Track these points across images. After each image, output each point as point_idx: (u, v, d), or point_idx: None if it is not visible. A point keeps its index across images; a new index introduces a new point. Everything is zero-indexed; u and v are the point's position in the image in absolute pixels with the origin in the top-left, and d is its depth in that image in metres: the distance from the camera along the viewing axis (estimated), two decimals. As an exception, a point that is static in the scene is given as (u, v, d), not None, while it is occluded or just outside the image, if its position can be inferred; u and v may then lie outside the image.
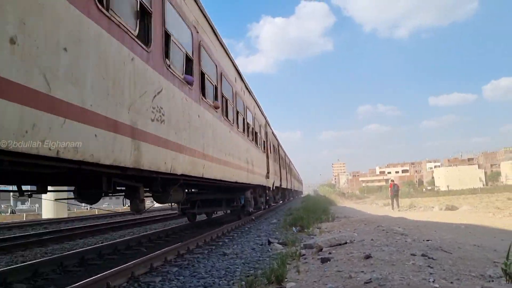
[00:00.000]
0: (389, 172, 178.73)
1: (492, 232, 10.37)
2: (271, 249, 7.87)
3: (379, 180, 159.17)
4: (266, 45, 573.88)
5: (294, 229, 10.93)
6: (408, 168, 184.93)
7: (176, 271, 5.90)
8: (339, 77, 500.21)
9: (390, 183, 28.10)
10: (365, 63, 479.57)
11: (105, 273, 4.94)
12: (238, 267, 6.13)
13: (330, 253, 6.23)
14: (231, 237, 10.12)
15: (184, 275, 5.63)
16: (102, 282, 4.69)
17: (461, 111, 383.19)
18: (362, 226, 10.66)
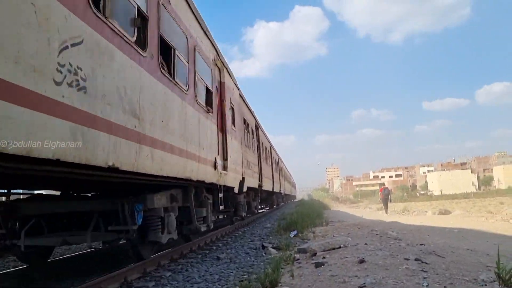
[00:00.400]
0: (383, 177, 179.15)
1: (485, 236, 10.42)
2: (265, 254, 7.86)
3: (373, 185, 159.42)
4: (261, 50, 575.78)
5: (291, 234, 10.89)
6: (402, 173, 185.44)
7: (170, 276, 5.86)
8: (333, 82, 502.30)
9: (381, 188, 29.74)
10: (359, 68, 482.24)
11: (98, 279, 4.91)
12: (232, 272, 6.11)
13: (324, 258, 6.23)
14: (225, 242, 10.09)
15: (178, 280, 5.60)
16: (95, 287, 4.65)
17: (454, 116, 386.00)
18: (356, 230, 10.67)
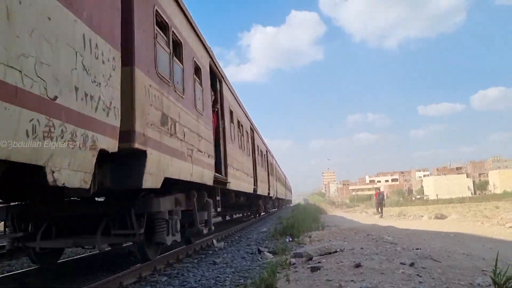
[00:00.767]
0: (379, 181, 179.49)
1: (481, 241, 10.45)
2: (261, 258, 7.84)
3: (369, 189, 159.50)
4: (257, 54, 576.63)
5: (288, 239, 10.88)
6: (398, 177, 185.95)
7: (166, 281, 5.84)
8: (330, 86, 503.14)
9: (375, 192, 31.53)
10: (355, 73, 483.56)
11: (93, 284, 4.88)
12: (228, 276, 6.09)
13: (320, 262, 6.22)
14: (221, 246, 10.06)
15: (174, 285, 5.58)
16: (90, 292, 4.63)
17: (450, 121, 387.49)
18: (352, 235, 10.68)
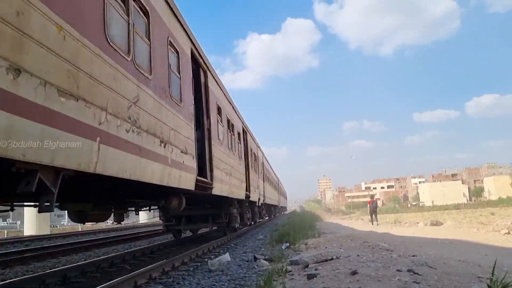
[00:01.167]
0: (375, 188, 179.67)
1: (476, 247, 10.47)
2: (257, 266, 7.82)
3: (365, 196, 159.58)
4: (253, 62, 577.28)
5: (284, 246, 10.85)
6: (393, 184, 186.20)
7: (161, 289, 5.81)
8: (325, 94, 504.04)
9: (369, 200, 31.35)
10: (351, 80, 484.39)
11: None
12: (224, 284, 6.06)
13: (316, 269, 6.20)
14: (217, 254, 10.02)
15: (169, 293, 5.55)
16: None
17: (445, 127, 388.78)
18: (348, 242, 10.66)
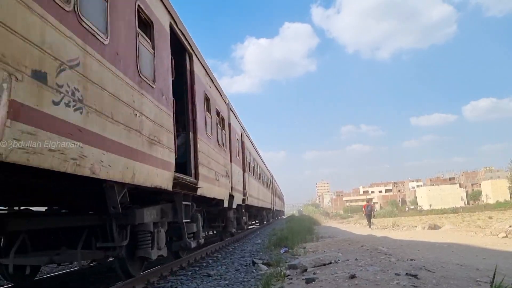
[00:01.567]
0: (373, 192, 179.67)
1: (474, 251, 10.47)
2: (256, 270, 7.80)
3: (363, 200, 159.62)
4: (251, 66, 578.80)
5: (282, 250, 10.83)
6: (391, 188, 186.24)
7: (159, 294, 5.78)
8: (323, 98, 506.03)
9: (364, 204, 31.88)
10: (348, 84, 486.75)
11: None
12: (222, 289, 6.04)
13: (315, 273, 6.20)
14: (215, 258, 10.00)
15: (167, 298, 5.53)
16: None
17: (442, 131, 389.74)
18: (346, 246, 10.66)
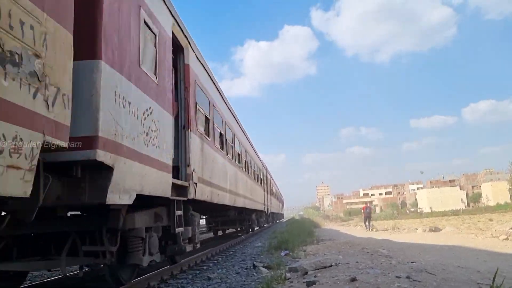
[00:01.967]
0: (373, 194, 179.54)
1: (475, 253, 10.46)
2: (256, 273, 7.80)
3: (363, 202, 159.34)
4: (251, 69, 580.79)
5: (282, 253, 10.82)
6: (391, 190, 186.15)
7: (160, 297, 5.77)
8: (322, 100, 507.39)
9: (363, 206, 31.65)
10: (348, 87, 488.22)
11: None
12: (223, 292, 6.03)
13: (316, 276, 6.19)
14: (216, 261, 9.99)
15: (168, 301, 5.52)
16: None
17: (442, 134, 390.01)
18: (347, 249, 10.65)
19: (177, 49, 7.62)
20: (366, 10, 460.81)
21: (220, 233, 21.08)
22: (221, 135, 11.56)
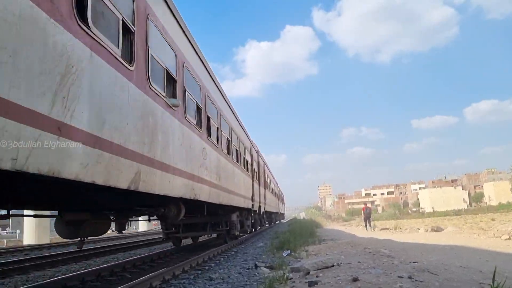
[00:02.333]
0: (375, 194, 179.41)
1: (477, 253, 10.44)
2: (258, 273, 7.79)
3: (365, 202, 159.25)
4: (252, 69, 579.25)
5: (284, 253, 10.82)
6: (393, 190, 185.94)
7: (162, 297, 5.76)
8: (324, 101, 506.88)
9: (363, 207, 31.57)
10: (349, 87, 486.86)
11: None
12: (225, 292, 6.03)
13: (318, 276, 6.19)
14: (218, 261, 10.00)
15: (170, 301, 5.51)
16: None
17: (443, 134, 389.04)
18: (349, 249, 10.64)
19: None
20: (367, 11, 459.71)
21: (189, 242, 16.14)
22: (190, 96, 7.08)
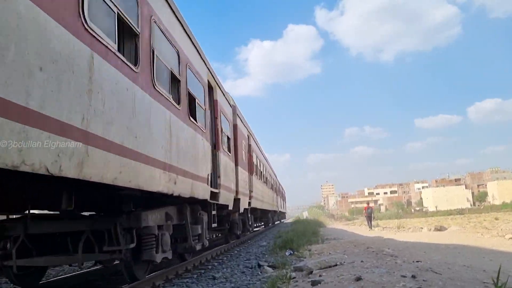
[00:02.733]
0: (378, 193, 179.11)
1: (481, 252, 10.41)
2: (261, 272, 7.80)
3: (368, 202, 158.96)
4: (255, 69, 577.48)
5: (287, 252, 10.81)
6: (397, 189, 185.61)
7: (165, 297, 5.77)
8: (327, 100, 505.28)
9: (365, 206, 31.71)
10: (352, 86, 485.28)
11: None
12: (228, 291, 6.03)
13: (321, 276, 6.19)
14: (221, 261, 10.01)
15: (173, 301, 5.52)
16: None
17: (446, 133, 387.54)
18: (352, 248, 10.63)
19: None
20: (370, 10, 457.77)
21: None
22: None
